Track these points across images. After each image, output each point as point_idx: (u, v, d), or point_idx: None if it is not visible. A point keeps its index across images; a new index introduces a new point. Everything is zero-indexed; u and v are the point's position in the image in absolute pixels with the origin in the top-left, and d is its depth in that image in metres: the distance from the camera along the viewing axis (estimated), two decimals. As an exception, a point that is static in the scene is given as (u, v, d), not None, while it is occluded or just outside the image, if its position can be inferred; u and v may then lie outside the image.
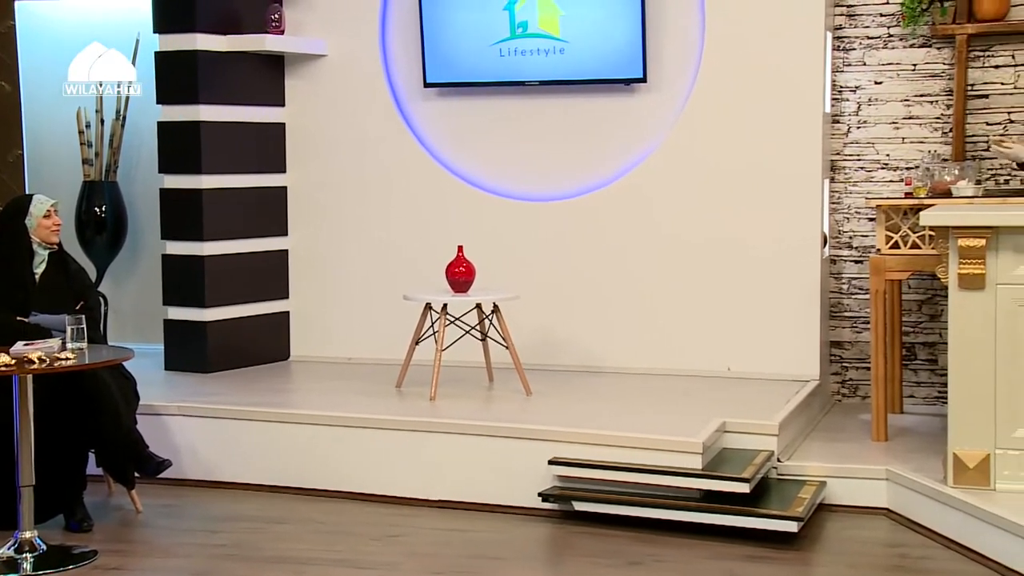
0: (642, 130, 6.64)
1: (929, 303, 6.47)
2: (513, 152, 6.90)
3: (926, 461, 5.17)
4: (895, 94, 6.46)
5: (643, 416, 5.57)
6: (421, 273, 6.69)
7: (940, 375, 6.36)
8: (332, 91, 7.16)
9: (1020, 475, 4.70)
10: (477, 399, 6.07)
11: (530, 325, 6.65)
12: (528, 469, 5.25)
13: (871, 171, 6.54)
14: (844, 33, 6.53)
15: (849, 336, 6.64)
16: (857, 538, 4.86)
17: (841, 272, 6.64)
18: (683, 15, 6.51)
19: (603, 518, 5.07)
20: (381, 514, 5.32)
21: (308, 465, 5.67)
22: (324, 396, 6.26)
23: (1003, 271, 4.69)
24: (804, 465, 5.29)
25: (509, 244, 6.82)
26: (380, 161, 7.10)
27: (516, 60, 6.75)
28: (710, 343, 6.51)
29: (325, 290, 7.25)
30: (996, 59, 6.27)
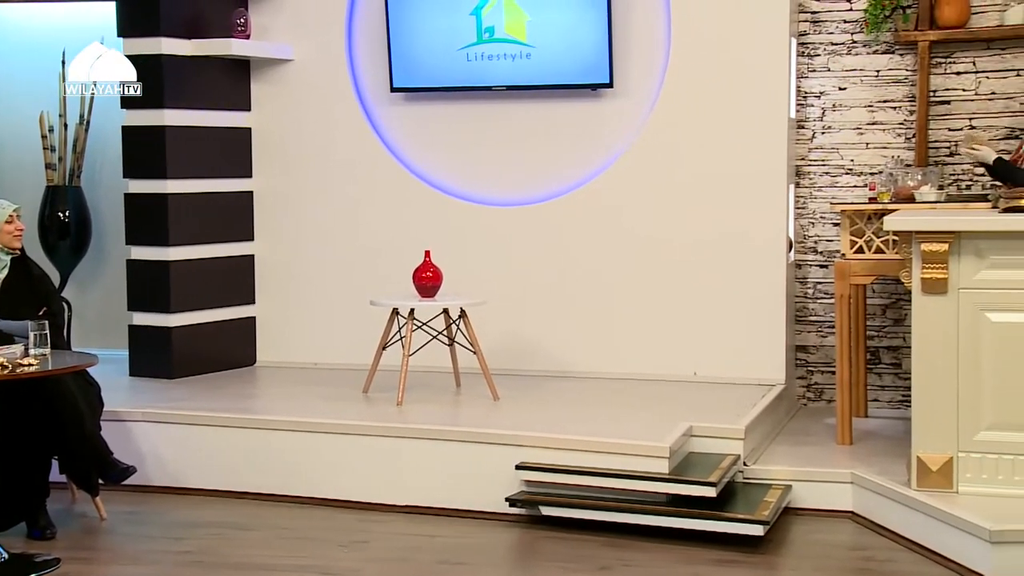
0: (608, 135, 6.67)
1: (893, 307, 6.52)
2: (480, 157, 6.91)
3: (890, 464, 5.21)
4: (859, 100, 6.51)
5: (610, 420, 5.58)
6: (388, 278, 6.68)
7: (904, 379, 6.41)
8: (298, 96, 7.14)
9: (982, 477, 4.74)
10: (444, 404, 6.07)
11: (497, 330, 6.65)
12: (495, 474, 5.25)
13: (836, 176, 6.58)
14: (808, 39, 6.57)
15: (814, 340, 6.68)
16: (822, 541, 4.89)
17: (806, 277, 6.68)
18: (649, 21, 6.53)
19: (570, 523, 5.07)
20: (348, 520, 5.31)
21: (274, 471, 5.64)
22: (290, 401, 6.23)
23: (965, 275, 4.73)
24: (770, 469, 5.32)
25: (476, 249, 6.83)
26: (347, 166, 7.08)
27: (483, 65, 6.75)
28: (677, 347, 6.54)
29: (291, 295, 7.23)
30: (957, 66, 6.33)
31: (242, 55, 6.96)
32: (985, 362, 4.72)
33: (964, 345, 4.73)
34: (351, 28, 7.05)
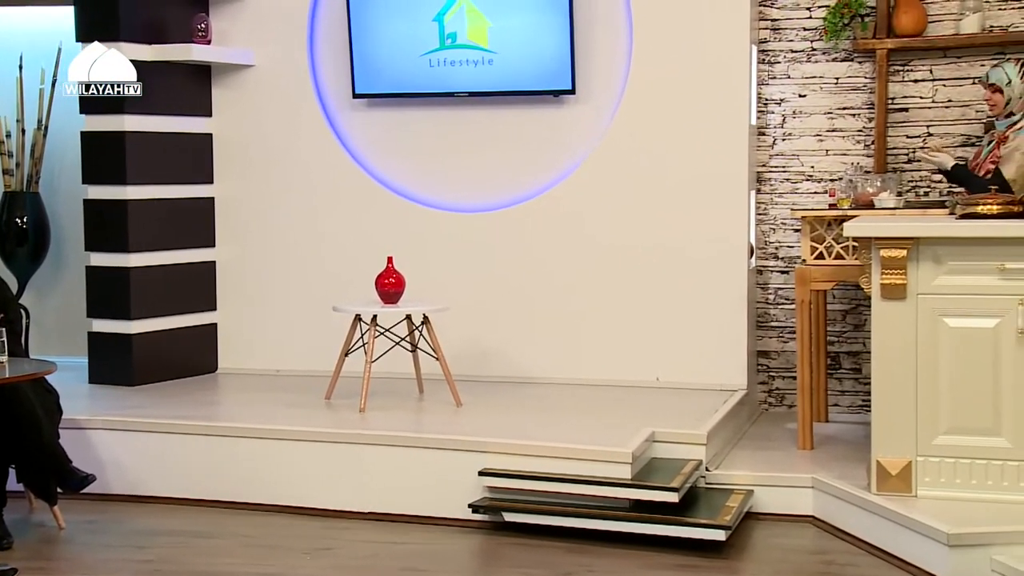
0: (570, 142, 6.68)
1: (853, 313, 6.58)
2: (443, 163, 6.91)
3: (850, 469, 5.25)
4: (819, 107, 6.56)
5: (573, 426, 5.59)
6: (351, 284, 6.67)
7: (864, 384, 6.46)
8: (260, 101, 7.11)
9: (940, 481, 4.79)
10: (407, 410, 6.06)
11: (460, 336, 6.65)
12: (458, 480, 5.25)
13: (796, 183, 6.63)
14: (769, 47, 6.62)
15: (776, 346, 6.72)
16: (783, 546, 4.92)
17: (768, 282, 6.73)
18: (611, 28, 6.56)
19: (533, 529, 5.08)
20: (311, 527, 5.28)
21: (236, 478, 5.61)
22: (252, 408, 6.20)
23: (923, 281, 4.78)
24: (732, 474, 5.35)
25: (439, 255, 6.82)
26: (309, 172, 7.06)
27: (445, 71, 6.75)
28: (639, 353, 6.56)
29: (253, 301, 7.19)
30: (915, 73, 6.40)
31: (203, 60, 6.93)
32: (943, 367, 4.77)
33: (923, 350, 4.78)
34: (313, 34, 7.03)
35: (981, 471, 4.74)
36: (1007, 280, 4.69)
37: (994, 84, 5.40)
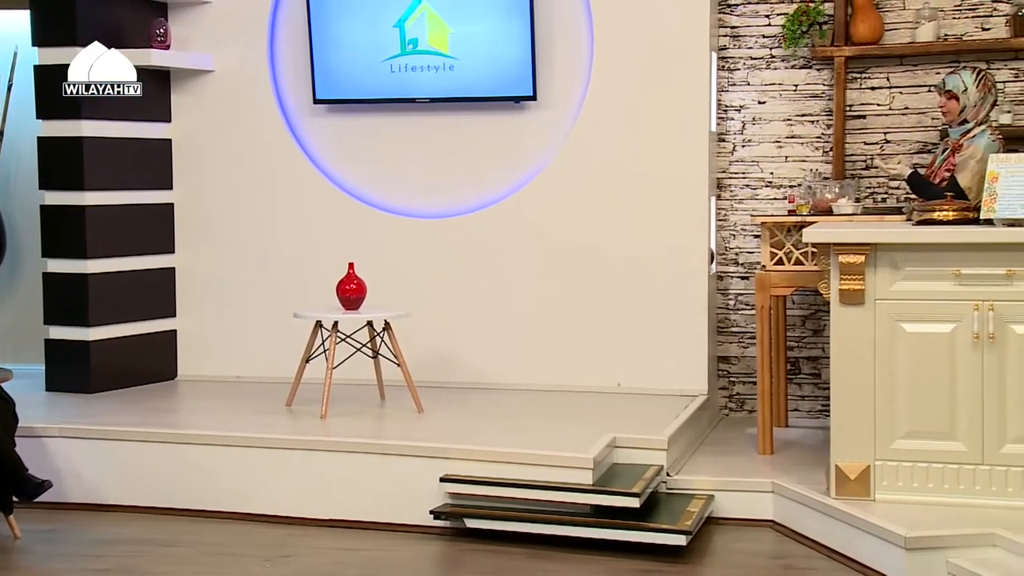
0: (532, 147, 6.70)
1: (812, 318, 6.63)
2: (404, 169, 6.90)
3: (810, 473, 5.28)
4: (778, 114, 6.61)
5: (534, 432, 5.60)
6: (312, 291, 6.65)
7: (823, 389, 6.51)
8: (220, 107, 7.07)
9: (898, 485, 4.83)
10: (368, 417, 6.04)
11: (422, 342, 6.65)
12: (420, 487, 5.24)
13: (756, 189, 6.68)
14: (728, 54, 6.66)
15: (736, 351, 6.76)
16: (744, 550, 4.94)
17: (728, 288, 6.76)
18: (572, 34, 6.58)
19: (495, 535, 5.08)
20: (271, 534, 5.26)
21: (196, 486, 5.57)
22: (212, 415, 6.16)
23: (881, 287, 4.82)
24: (693, 479, 5.37)
25: (400, 261, 6.81)
26: (269, 178, 7.03)
27: (406, 77, 6.75)
28: (600, 359, 6.58)
29: (213, 308, 7.15)
30: (872, 81, 6.46)
31: (162, 66, 6.88)
32: (900, 372, 4.81)
33: (880, 355, 4.82)
34: (273, 39, 7.00)
35: (938, 475, 4.79)
36: (963, 286, 4.74)
37: (950, 91, 5.45)
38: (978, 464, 4.75)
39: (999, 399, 4.71)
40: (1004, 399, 4.71)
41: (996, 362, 4.71)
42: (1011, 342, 4.70)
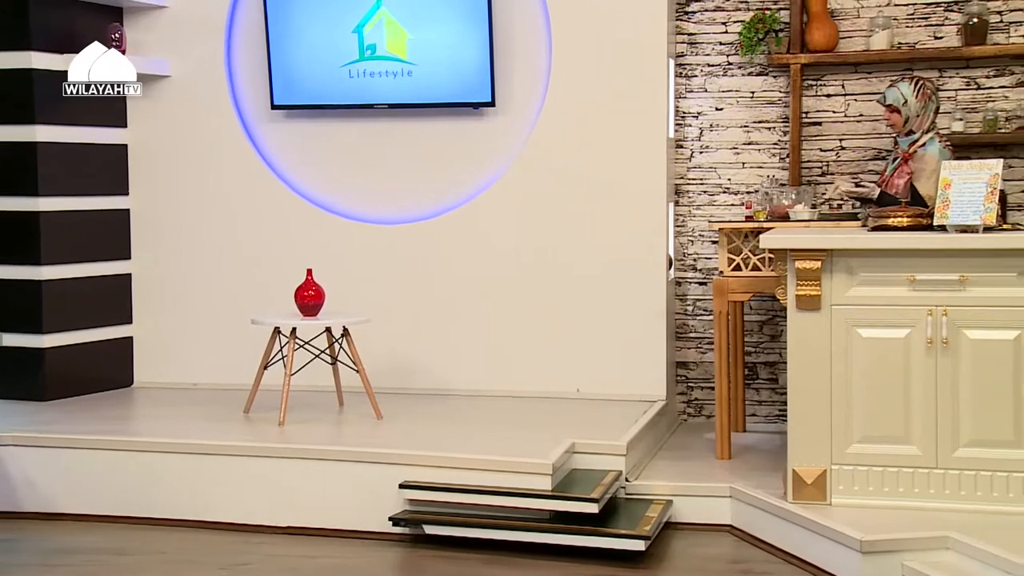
0: (490, 154, 6.70)
1: (770, 324, 6.67)
2: (362, 175, 6.88)
3: (767, 478, 5.32)
4: (735, 120, 6.65)
5: (493, 438, 5.60)
6: (270, 297, 6.62)
7: (781, 394, 6.56)
8: (176, 112, 7.03)
9: (854, 489, 4.87)
10: (327, 423, 6.02)
11: (381, 349, 6.63)
12: (379, 493, 5.22)
13: (713, 195, 6.71)
14: (686, 61, 6.70)
15: (694, 357, 6.79)
16: (702, 555, 4.96)
17: (686, 294, 6.80)
18: (531, 41, 6.59)
19: (454, 541, 5.07)
20: (229, 542, 5.22)
21: (153, 494, 5.53)
22: (169, 422, 6.12)
23: (837, 292, 4.86)
24: (651, 484, 5.39)
25: (359, 267, 6.79)
26: (227, 183, 6.99)
27: (365, 82, 6.73)
28: (559, 365, 6.59)
29: (170, 314, 7.10)
30: (828, 88, 6.52)
31: (118, 70, 6.83)
32: (856, 377, 4.85)
33: (837, 361, 4.86)
34: (230, 44, 6.97)
35: (893, 479, 4.83)
36: (917, 291, 4.79)
37: (891, 104, 5.53)
38: (932, 468, 4.80)
39: (952, 403, 4.77)
40: (957, 403, 4.76)
41: (950, 367, 4.76)
42: (964, 347, 4.75)
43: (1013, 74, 6.27)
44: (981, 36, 6.18)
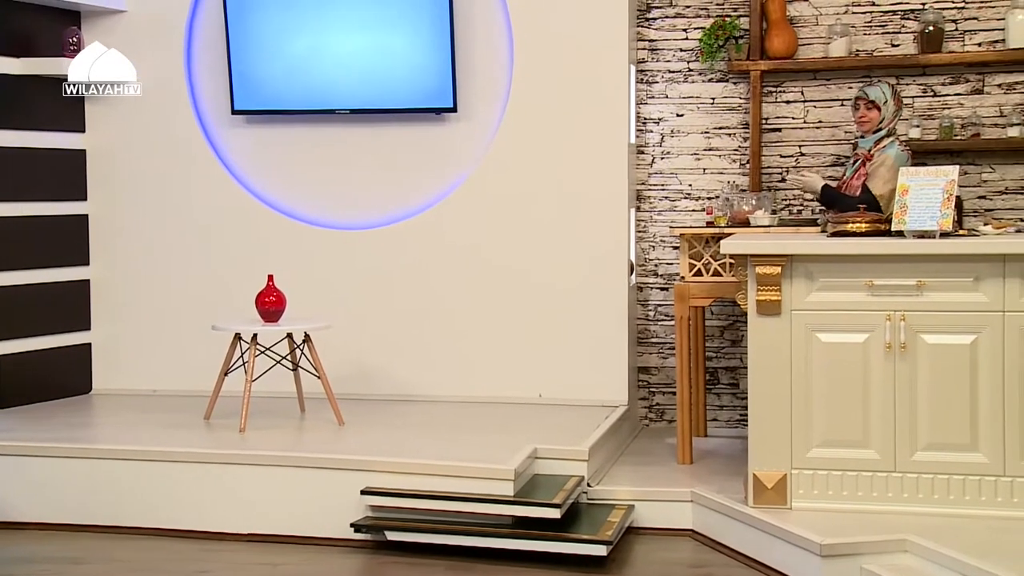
0: (453, 159, 6.70)
1: (731, 329, 6.71)
2: (324, 180, 6.86)
3: (728, 482, 5.34)
4: (696, 126, 6.69)
5: (456, 444, 5.59)
6: (231, 303, 6.58)
7: (741, 399, 6.59)
8: (135, 117, 6.97)
9: (814, 493, 4.90)
10: (288, 430, 5.99)
11: (343, 355, 6.61)
12: (340, 500, 5.21)
13: (675, 200, 6.75)
14: (647, 67, 6.73)
15: (656, 362, 6.82)
16: (663, 560, 4.98)
17: (647, 299, 6.82)
18: (492, 47, 6.60)
19: (416, 547, 5.06)
20: (189, 550, 5.19)
21: (112, 502, 5.48)
22: (128, 429, 6.06)
23: (797, 297, 4.90)
24: (613, 489, 5.40)
25: (321, 273, 6.77)
26: (187, 189, 6.95)
27: (326, 87, 6.71)
28: (521, 370, 6.59)
29: (130, 321, 7.04)
30: (787, 95, 6.57)
31: (75, 75, 6.78)
32: (816, 382, 4.89)
33: (796, 365, 4.90)
34: (190, 49, 6.93)
35: (852, 482, 4.87)
36: (875, 296, 4.83)
37: (874, 101, 5.57)
38: (890, 472, 4.84)
39: (910, 407, 4.81)
40: (915, 407, 4.81)
41: (908, 371, 4.81)
42: (922, 351, 4.80)
43: (968, 82, 6.34)
44: (937, 44, 6.26)
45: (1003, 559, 4.20)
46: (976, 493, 4.77)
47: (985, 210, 6.31)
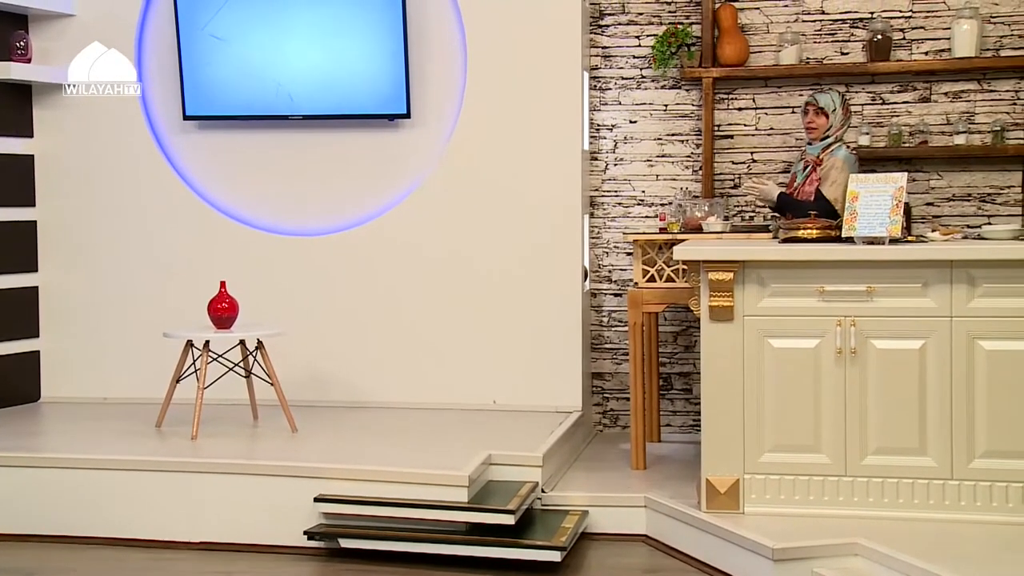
0: (406, 166, 6.69)
1: (684, 335, 6.74)
2: (277, 187, 6.83)
3: (682, 488, 5.37)
4: (649, 133, 6.73)
5: (410, 450, 5.58)
6: (184, 310, 6.53)
7: (695, 404, 6.63)
8: (85, 122, 6.91)
9: (766, 498, 4.94)
10: (241, 437, 5.95)
11: (297, 361, 6.58)
12: (293, 507, 5.18)
13: (628, 207, 6.78)
14: (600, 73, 6.76)
15: (610, 367, 6.84)
16: (617, 565, 5.00)
17: (601, 305, 6.85)
18: (446, 53, 6.60)
19: (370, 554, 5.05)
20: (142, 559, 5.14)
21: (63, 511, 5.41)
22: (78, 438, 6.00)
23: (749, 303, 4.94)
24: (567, 495, 5.41)
25: (275, 280, 6.74)
26: (138, 195, 6.89)
27: (279, 93, 6.68)
28: (476, 376, 6.59)
29: (80, 328, 6.97)
30: (739, 102, 6.62)
31: (22, 79, 6.69)
32: (768, 387, 4.92)
33: (749, 371, 4.93)
34: (141, 53, 6.87)
35: (804, 487, 4.91)
36: (826, 302, 4.88)
37: (823, 108, 5.63)
38: (841, 476, 4.89)
39: (861, 412, 4.86)
40: (865, 412, 4.86)
41: (858, 376, 4.86)
42: (872, 356, 4.85)
43: (916, 90, 6.43)
44: (885, 52, 6.34)
45: (951, 562, 4.26)
46: (925, 496, 4.83)
47: (933, 216, 6.40)
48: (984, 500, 4.79)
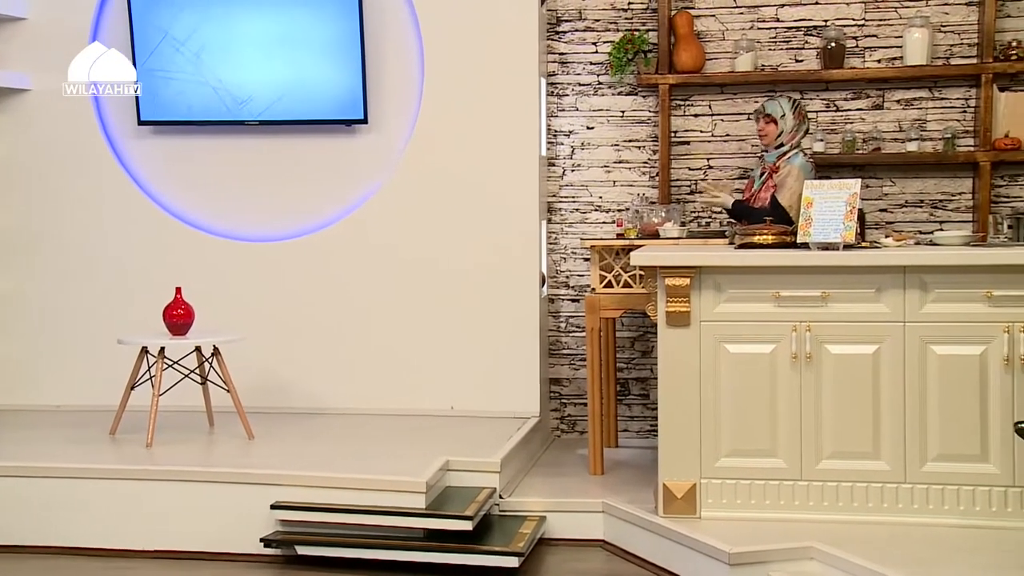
0: (363, 171, 6.68)
1: (641, 340, 6.77)
2: (234, 192, 6.79)
3: (639, 493, 5.39)
4: (606, 139, 6.75)
5: (367, 457, 5.57)
6: (139, 316, 6.48)
7: (652, 409, 6.66)
8: (38, 127, 6.84)
9: (723, 502, 4.97)
10: (197, 444, 5.91)
11: (254, 367, 6.55)
12: (250, 514, 5.15)
13: (585, 212, 6.80)
14: (557, 80, 6.78)
15: (567, 373, 6.86)
16: (575, 570, 5.01)
17: (559, 311, 6.86)
18: (403, 59, 6.60)
19: (327, 561, 5.02)
20: (96, 568, 5.09)
21: (16, 520, 5.35)
22: (30, 446, 5.93)
23: (706, 309, 4.96)
24: (525, 501, 5.42)
25: (232, 286, 6.70)
26: (92, 201, 6.83)
27: (234, 98, 6.65)
28: (433, 382, 6.59)
29: (32, 334, 6.90)
30: (695, 108, 6.66)
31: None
32: (724, 392, 4.95)
33: (706, 376, 4.96)
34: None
35: (760, 491, 4.94)
36: (782, 307, 4.92)
37: (770, 115, 5.68)
38: (797, 480, 4.93)
39: (816, 417, 4.90)
40: (820, 417, 4.90)
41: (813, 381, 4.90)
42: (826, 362, 4.89)
43: (869, 97, 6.49)
44: (839, 60, 6.40)
45: (904, 565, 4.31)
46: (879, 500, 4.88)
47: (886, 222, 6.47)
48: (936, 503, 4.84)
